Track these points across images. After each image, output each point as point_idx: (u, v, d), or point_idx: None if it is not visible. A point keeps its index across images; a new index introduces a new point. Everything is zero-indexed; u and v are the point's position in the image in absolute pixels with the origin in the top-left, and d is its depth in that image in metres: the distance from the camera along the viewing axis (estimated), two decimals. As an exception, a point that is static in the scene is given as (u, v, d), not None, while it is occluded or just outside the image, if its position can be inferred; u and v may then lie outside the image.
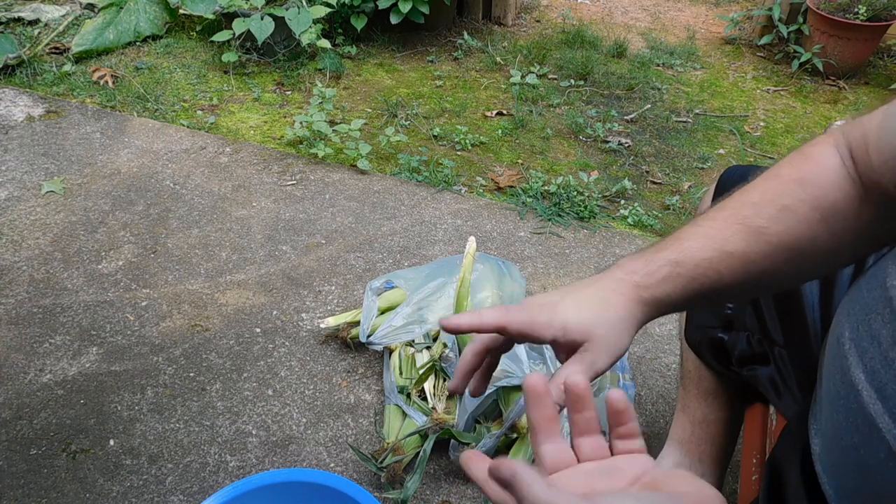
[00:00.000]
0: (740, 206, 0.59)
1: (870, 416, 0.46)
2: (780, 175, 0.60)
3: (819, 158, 0.59)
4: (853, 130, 0.59)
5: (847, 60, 2.83)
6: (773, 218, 0.57)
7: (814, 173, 0.58)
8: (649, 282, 0.58)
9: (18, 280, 1.70)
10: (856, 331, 0.51)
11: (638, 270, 0.59)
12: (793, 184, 0.58)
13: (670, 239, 0.60)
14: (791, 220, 0.57)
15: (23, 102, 2.41)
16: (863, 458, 0.47)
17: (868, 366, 0.48)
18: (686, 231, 0.60)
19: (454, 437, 1.25)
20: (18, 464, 1.29)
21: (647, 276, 0.58)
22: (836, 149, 0.60)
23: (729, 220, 0.58)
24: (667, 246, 0.59)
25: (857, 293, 0.54)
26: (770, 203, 0.58)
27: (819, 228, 0.57)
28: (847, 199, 0.57)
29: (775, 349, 0.85)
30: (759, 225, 0.57)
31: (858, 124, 0.59)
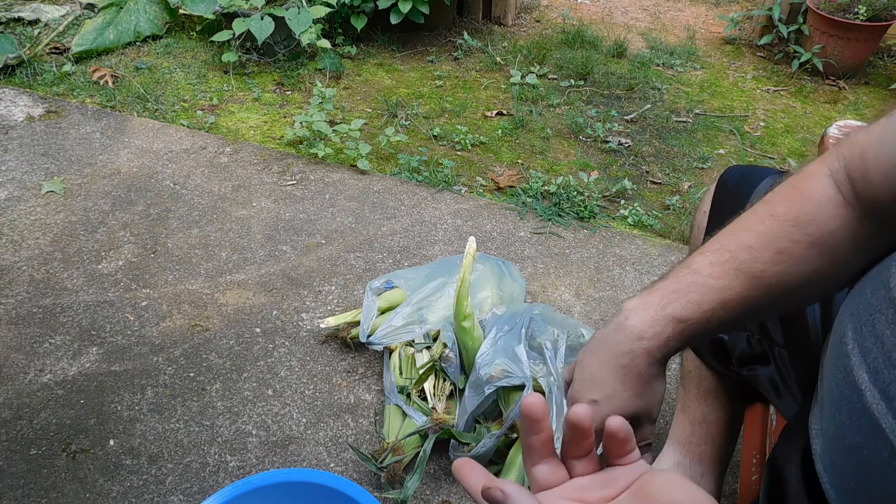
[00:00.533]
0: (738, 249, 0.61)
1: (873, 416, 0.46)
2: (774, 216, 0.61)
3: (813, 193, 0.60)
4: (848, 149, 0.59)
5: (847, 60, 2.83)
6: (771, 262, 0.60)
7: (808, 211, 0.59)
8: (657, 343, 0.62)
9: (18, 280, 1.70)
10: (859, 331, 0.51)
11: (644, 334, 0.62)
12: (788, 225, 0.60)
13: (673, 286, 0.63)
14: (788, 261, 0.59)
15: (23, 102, 2.41)
16: (865, 457, 0.47)
17: (871, 366, 0.48)
18: (687, 280, 0.62)
19: (454, 437, 1.25)
20: (18, 464, 1.29)
21: (653, 338, 0.62)
22: (829, 177, 0.60)
23: (727, 267, 0.61)
24: (670, 300, 0.62)
25: (861, 293, 0.54)
26: (766, 247, 0.60)
27: (817, 262, 0.59)
28: (845, 226, 0.58)
29: (775, 349, 0.85)
30: (758, 269, 0.60)
31: (854, 142, 0.59)
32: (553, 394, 1.24)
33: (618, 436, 0.46)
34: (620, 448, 0.47)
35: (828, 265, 0.60)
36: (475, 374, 1.26)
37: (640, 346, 0.62)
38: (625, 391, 0.63)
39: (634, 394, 0.64)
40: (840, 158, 0.60)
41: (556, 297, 1.71)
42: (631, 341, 0.63)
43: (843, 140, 0.61)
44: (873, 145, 0.56)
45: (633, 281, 1.77)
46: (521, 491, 0.39)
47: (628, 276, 1.78)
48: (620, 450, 0.47)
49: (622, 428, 0.46)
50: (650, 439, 0.68)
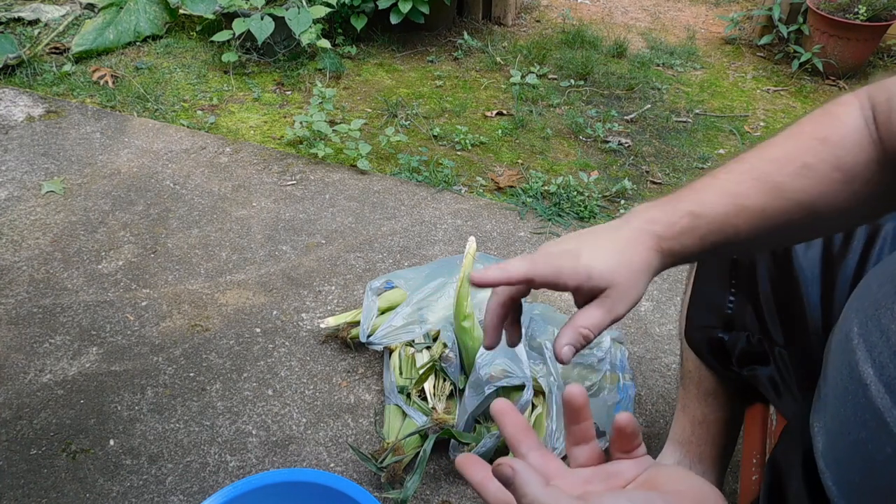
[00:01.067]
0: (759, 161, 0.59)
1: (878, 411, 0.46)
2: (802, 132, 0.59)
3: (843, 118, 0.59)
4: (878, 93, 0.58)
5: (847, 60, 2.83)
6: (793, 175, 0.57)
7: (837, 133, 0.58)
8: (669, 233, 0.58)
9: (18, 280, 1.70)
10: (865, 326, 0.51)
11: (658, 220, 0.59)
12: (815, 142, 0.58)
13: (687, 190, 0.60)
14: (811, 178, 0.57)
15: (23, 102, 2.41)
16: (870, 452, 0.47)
17: (877, 361, 0.48)
18: (704, 183, 0.60)
19: (454, 437, 1.25)
20: (18, 464, 1.29)
21: (666, 226, 0.58)
22: (860, 110, 0.59)
23: (747, 174, 0.58)
24: (685, 197, 0.59)
25: (867, 288, 0.54)
26: (790, 160, 0.58)
27: (838, 188, 0.57)
28: (868, 161, 0.57)
29: (775, 349, 0.85)
30: (779, 181, 0.57)
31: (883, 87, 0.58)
32: (553, 394, 1.24)
33: (626, 430, 0.47)
34: (628, 443, 0.48)
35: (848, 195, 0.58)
36: (475, 374, 1.26)
37: (652, 228, 0.58)
38: (616, 254, 0.58)
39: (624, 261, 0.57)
40: (870, 98, 0.59)
41: (556, 296, 1.71)
42: (641, 224, 0.59)
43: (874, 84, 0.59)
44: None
45: (633, 281, 1.77)
46: (529, 469, 0.40)
47: (628, 276, 1.78)
48: (628, 444, 0.48)
49: (630, 423, 0.47)
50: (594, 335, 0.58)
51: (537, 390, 1.27)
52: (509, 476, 0.40)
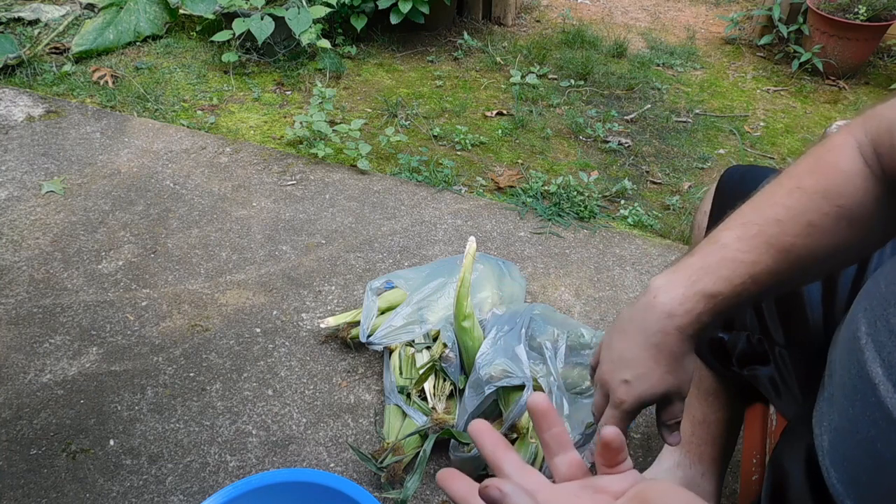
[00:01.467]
0: (766, 223, 0.60)
1: (887, 409, 0.47)
2: (802, 188, 0.60)
3: (841, 164, 0.59)
4: (874, 123, 0.58)
5: (847, 60, 2.83)
6: (800, 235, 0.59)
7: (837, 183, 0.59)
8: (689, 320, 0.62)
9: (18, 280, 1.70)
10: (873, 325, 0.51)
11: (675, 312, 0.62)
12: (817, 197, 0.59)
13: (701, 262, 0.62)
14: (817, 234, 0.59)
15: (23, 102, 2.41)
16: (878, 451, 0.47)
17: (886, 360, 0.48)
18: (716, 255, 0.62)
19: (454, 437, 1.25)
20: (18, 464, 1.29)
21: (685, 315, 0.62)
22: (857, 149, 0.59)
23: (756, 241, 0.60)
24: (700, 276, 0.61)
25: (875, 288, 0.54)
26: (795, 220, 0.59)
27: (846, 234, 0.59)
28: (873, 199, 0.58)
29: (776, 349, 0.85)
30: (788, 243, 0.59)
31: (880, 116, 0.58)
32: (553, 394, 1.24)
33: (612, 445, 0.47)
34: (613, 457, 0.47)
35: (856, 236, 0.59)
36: (475, 374, 1.26)
37: (672, 324, 0.62)
38: (657, 369, 0.64)
39: (667, 371, 0.64)
40: (867, 133, 0.59)
41: (556, 297, 1.71)
42: (662, 320, 0.62)
43: (868, 113, 0.60)
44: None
45: (633, 281, 1.77)
46: (518, 491, 0.39)
47: (628, 276, 1.78)
48: (613, 459, 0.48)
49: (616, 438, 0.47)
50: (679, 417, 0.68)
51: (537, 390, 1.27)
52: (497, 499, 0.39)
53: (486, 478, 0.40)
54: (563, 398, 1.24)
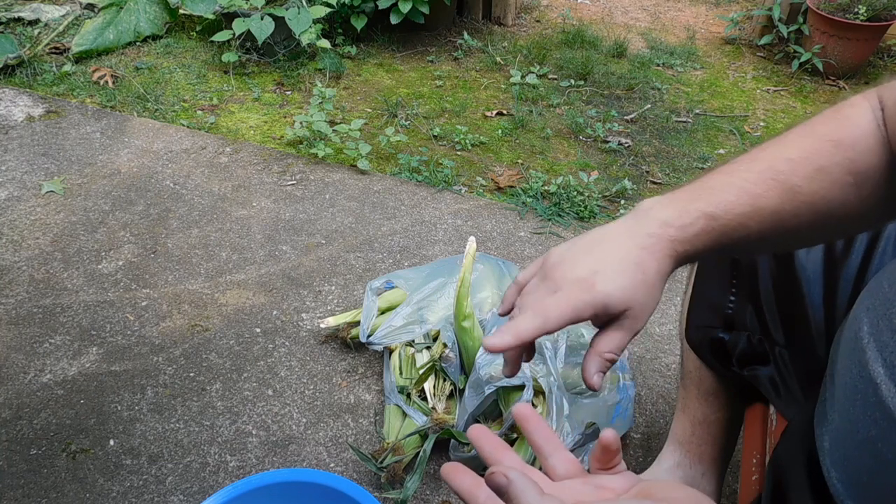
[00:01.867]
0: (775, 160, 0.57)
1: (888, 410, 0.47)
2: (815, 133, 0.58)
3: (856, 120, 0.58)
4: (889, 94, 0.58)
5: (847, 60, 2.83)
6: (809, 178, 0.56)
7: (851, 136, 0.57)
8: (683, 236, 0.56)
9: (18, 280, 1.70)
10: (875, 325, 0.51)
11: (671, 222, 0.56)
12: (829, 144, 0.57)
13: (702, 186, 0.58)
14: (825, 181, 0.56)
15: (23, 102, 2.41)
16: (880, 451, 0.47)
17: (888, 360, 0.48)
18: (718, 180, 0.58)
19: (454, 437, 1.25)
20: (18, 464, 1.29)
21: (681, 229, 0.56)
22: (871, 111, 0.58)
23: (764, 175, 0.56)
24: (699, 195, 0.57)
25: (878, 288, 0.54)
26: (806, 162, 0.56)
27: (850, 192, 0.56)
28: (880, 164, 0.57)
29: (776, 349, 0.85)
30: (794, 183, 0.56)
31: (893, 88, 0.58)
32: (553, 394, 1.24)
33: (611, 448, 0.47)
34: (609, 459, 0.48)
35: (858, 199, 0.57)
36: (475, 374, 1.26)
37: (666, 233, 0.56)
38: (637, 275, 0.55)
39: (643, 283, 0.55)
40: (881, 99, 0.58)
41: (557, 297, 1.70)
42: (656, 226, 0.56)
43: (884, 85, 0.59)
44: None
45: (634, 281, 1.77)
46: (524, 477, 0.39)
47: (628, 276, 1.78)
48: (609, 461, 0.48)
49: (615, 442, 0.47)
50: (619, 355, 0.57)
51: (537, 390, 1.27)
52: (504, 485, 0.39)
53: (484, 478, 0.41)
54: (563, 398, 1.24)
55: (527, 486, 0.39)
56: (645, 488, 0.47)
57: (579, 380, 1.32)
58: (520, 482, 0.39)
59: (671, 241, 0.56)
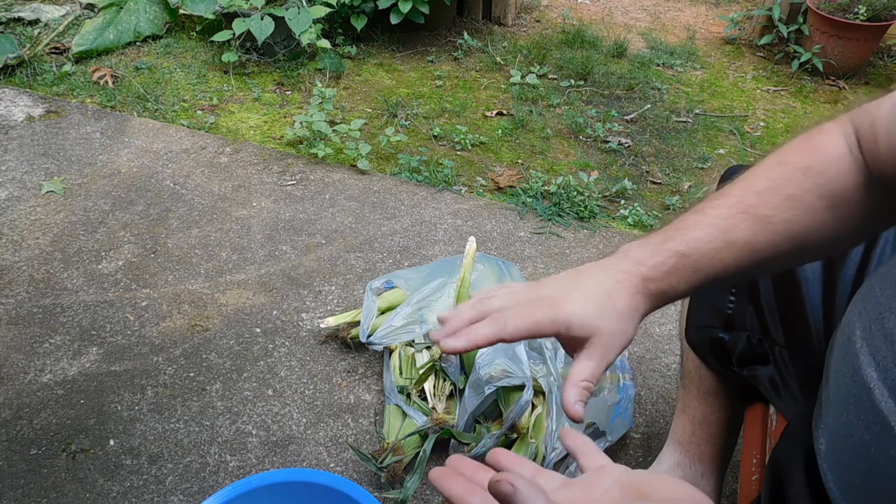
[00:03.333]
0: (745, 193, 0.59)
1: (881, 414, 0.47)
2: (786, 162, 0.59)
3: (826, 146, 0.59)
4: (862, 117, 0.59)
5: (847, 60, 2.83)
6: (779, 207, 0.57)
7: (820, 162, 0.58)
8: (656, 273, 0.57)
9: (18, 280, 1.70)
10: (868, 330, 0.51)
11: (645, 262, 0.58)
12: (798, 173, 0.58)
13: (675, 227, 0.60)
14: (796, 209, 0.57)
15: (23, 102, 2.41)
16: (873, 455, 0.47)
17: (881, 364, 0.48)
18: (692, 219, 0.59)
19: (454, 437, 1.25)
20: (18, 464, 1.29)
21: (653, 267, 0.58)
22: (843, 137, 0.59)
23: (734, 209, 0.58)
24: (672, 235, 0.59)
25: (870, 292, 0.54)
26: (775, 192, 0.58)
27: (825, 216, 0.57)
28: (854, 186, 0.57)
29: (776, 349, 0.85)
30: (765, 214, 0.57)
31: (867, 111, 0.59)
32: (553, 394, 1.24)
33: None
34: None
35: (836, 221, 0.58)
36: (475, 374, 1.26)
37: (639, 271, 0.58)
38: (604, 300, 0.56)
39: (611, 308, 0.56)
40: (853, 123, 0.59)
41: (556, 297, 1.70)
42: (630, 264, 0.58)
43: (857, 108, 0.60)
44: (884, 118, 0.56)
45: (633, 281, 1.77)
46: (530, 485, 0.39)
47: (628, 276, 1.78)
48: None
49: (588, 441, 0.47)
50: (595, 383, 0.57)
51: (537, 390, 1.27)
52: (509, 493, 0.38)
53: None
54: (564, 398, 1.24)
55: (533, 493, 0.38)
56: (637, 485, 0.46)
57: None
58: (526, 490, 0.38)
59: (644, 279, 0.57)
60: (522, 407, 1.21)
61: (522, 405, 1.21)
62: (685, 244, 0.57)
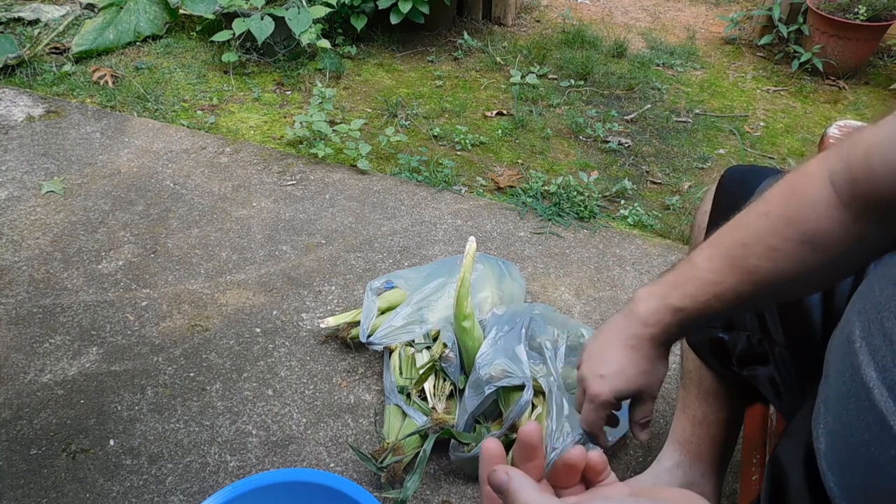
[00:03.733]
0: (733, 246, 0.66)
1: (881, 414, 0.47)
2: (768, 214, 0.64)
3: (808, 191, 0.62)
4: (851, 149, 0.59)
5: (847, 60, 2.83)
6: (764, 257, 0.63)
7: (801, 210, 0.62)
8: (659, 330, 0.72)
9: (18, 280, 1.70)
10: (867, 329, 0.51)
11: (648, 321, 0.72)
12: (780, 223, 0.63)
13: (674, 280, 0.71)
14: (780, 258, 0.63)
15: (23, 102, 2.41)
16: (872, 455, 0.47)
17: (880, 363, 0.48)
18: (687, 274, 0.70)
19: (454, 437, 1.25)
20: (18, 464, 1.29)
21: (656, 325, 0.72)
22: (828, 178, 0.61)
23: (723, 262, 0.67)
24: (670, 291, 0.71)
25: (869, 292, 0.54)
26: (758, 244, 0.64)
27: (810, 258, 0.62)
28: (838, 225, 0.60)
29: (776, 349, 0.85)
30: (751, 265, 0.64)
31: (857, 142, 0.59)
32: (553, 394, 1.24)
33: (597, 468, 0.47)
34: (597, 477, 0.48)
35: (820, 261, 0.62)
36: (475, 374, 1.26)
37: (646, 332, 0.71)
38: (630, 369, 0.73)
39: (639, 372, 0.73)
40: (842, 160, 0.60)
41: (556, 297, 1.71)
42: (638, 326, 0.72)
43: (845, 140, 0.61)
44: (881, 145, 0.56)
45: (633, 281, 1.77)
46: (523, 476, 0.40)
47: (628, 276, 1.78)
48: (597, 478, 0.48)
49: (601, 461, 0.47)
50: (650, 416, 0.78)
51: (537, 390, 1.27)
52: (504, 482, 0.40)
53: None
54: (563, 398, 1.24)
55: (525, 483, 0.40)
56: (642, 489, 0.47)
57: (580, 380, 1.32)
58: (518, 480, 0.40)
59: (651, 338, 0.72)
60: (522, 407, 1.21)
61: (522, 405, 1.21)
62: (680, 300, 0.69)
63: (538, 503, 0.39)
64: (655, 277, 0.75)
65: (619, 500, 0.43)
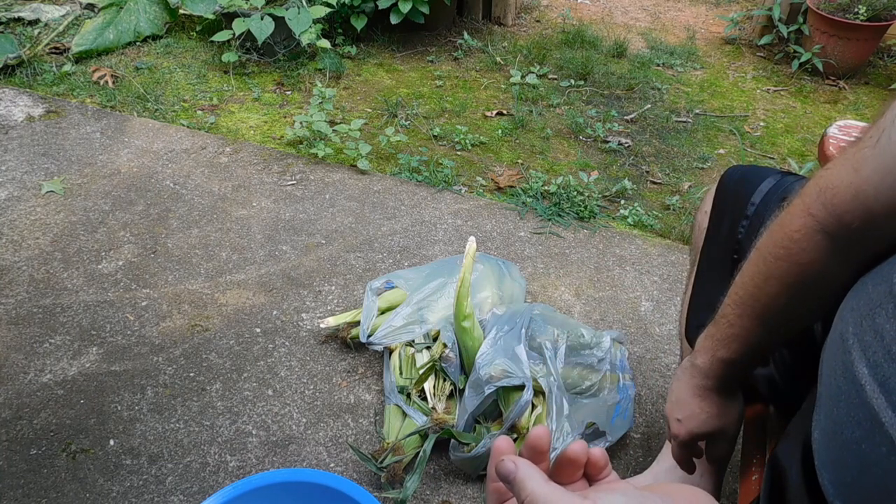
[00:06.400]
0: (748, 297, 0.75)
1: (872, 411, 0.47)
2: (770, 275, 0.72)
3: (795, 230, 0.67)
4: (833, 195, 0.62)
5: (847, 60, 2.83)
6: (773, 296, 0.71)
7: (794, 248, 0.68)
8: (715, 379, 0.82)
9: (18, 280, 1.70)
10: (859, 326, 0.51)
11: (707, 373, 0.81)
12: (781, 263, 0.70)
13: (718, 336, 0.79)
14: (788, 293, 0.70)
15: (23, 102, 2.41)
16: (864, 452, 0.47)
17: (871, 360, 0.48)
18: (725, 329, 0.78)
19: (454, 437, 1.25)
20: (18, 464, 1.29)
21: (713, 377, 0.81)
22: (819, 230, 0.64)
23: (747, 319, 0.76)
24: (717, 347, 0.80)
25: (862, 289, 0.54)
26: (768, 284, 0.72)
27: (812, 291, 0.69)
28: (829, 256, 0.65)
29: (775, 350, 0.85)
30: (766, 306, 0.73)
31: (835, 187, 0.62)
32: (553, 394, 1.24)
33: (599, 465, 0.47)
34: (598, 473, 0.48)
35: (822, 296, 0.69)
36: (475, 374, 1.26)
37: (707, 384, 0.82)
38: (702, 414, 0.83)
39: (709, 416, 0.83)
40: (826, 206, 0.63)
41: (556, 297, 1.71)
42: (700, 378, 0.82)
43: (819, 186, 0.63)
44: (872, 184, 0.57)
45: (633, 281, 1.77)
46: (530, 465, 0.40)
47: (628, 276, 1.78)
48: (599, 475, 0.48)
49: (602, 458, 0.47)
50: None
51: (537, 390, 1.27)
52: (511, 471, 0.40)
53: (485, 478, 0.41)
54: (563, 398, 1.24)
55: (532, 472, 0.40)
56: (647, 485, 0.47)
57: (579, 380, 1.32)
58: (525, 469, 0.40)
59: (712, 389, 0.82)
60: (522, 407, 1.21)
61: (522, 405, 1.21)
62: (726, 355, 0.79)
63: (545, 492, 0.39)
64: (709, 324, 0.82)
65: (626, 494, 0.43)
